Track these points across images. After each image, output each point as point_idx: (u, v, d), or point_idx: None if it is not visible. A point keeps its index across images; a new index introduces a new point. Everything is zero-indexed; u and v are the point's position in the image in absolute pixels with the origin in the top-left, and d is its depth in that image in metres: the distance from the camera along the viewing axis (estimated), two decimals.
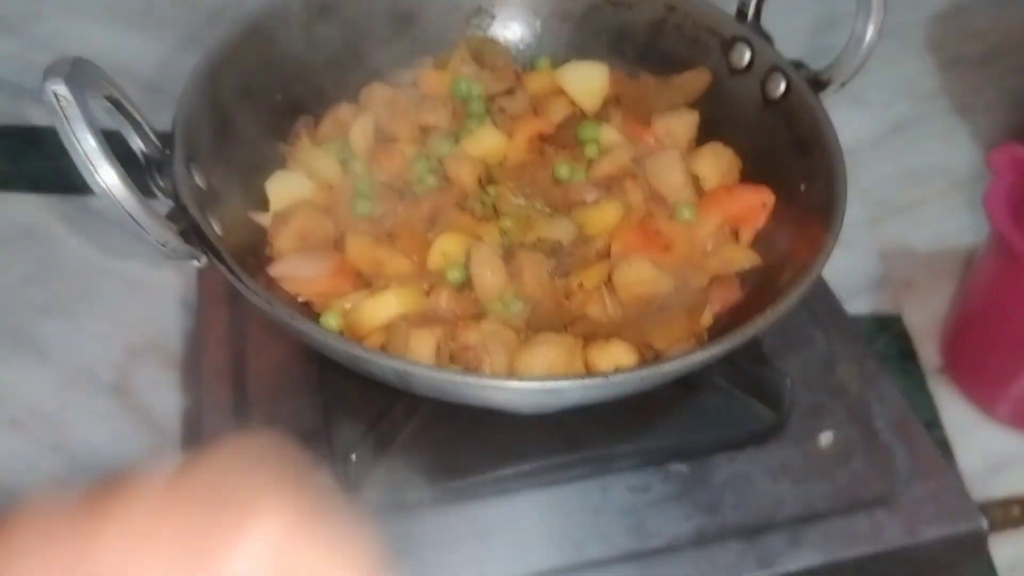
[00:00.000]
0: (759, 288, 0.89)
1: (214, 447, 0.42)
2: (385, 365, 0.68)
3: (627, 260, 0.87)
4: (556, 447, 0.89)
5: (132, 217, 0.68)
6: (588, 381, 0.68)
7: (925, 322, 1.34)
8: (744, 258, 0.93)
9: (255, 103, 0.95)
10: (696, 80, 1.05)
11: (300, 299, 0.87)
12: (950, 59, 1.73)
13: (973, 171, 1.50)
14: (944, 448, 1.17)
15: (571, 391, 0.69)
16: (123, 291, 1.27)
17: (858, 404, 0.96)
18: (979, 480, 1.14)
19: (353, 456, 0.83)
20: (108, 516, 0.37)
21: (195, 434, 1.12)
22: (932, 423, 1.20)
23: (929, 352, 1.32)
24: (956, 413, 1.24)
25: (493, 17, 1.13)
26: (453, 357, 0.81)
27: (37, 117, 1.48)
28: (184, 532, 0.36)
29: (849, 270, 1.33)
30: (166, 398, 1.17)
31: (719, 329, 0.89)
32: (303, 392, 0.94)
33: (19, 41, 1.61)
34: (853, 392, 0.97)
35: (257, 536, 0.37)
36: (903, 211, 1.47)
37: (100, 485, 0.39)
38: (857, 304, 1.31)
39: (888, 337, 1.34)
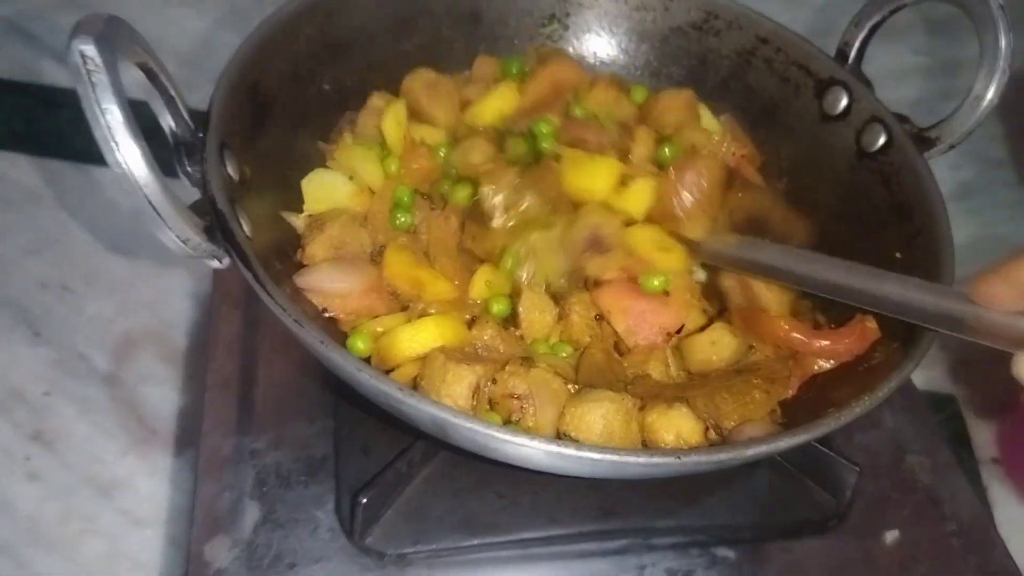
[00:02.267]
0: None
1: None
2: (424, 411, 0.58)
3: (707, 329, 0.78)
4: (590, 514, 0.80)
5: (153, 206, 0.58)
6: (657, 459, 0.58)
7: (982, 406, 1.25)
8: None
9: (301, 90, 0.86)
10: None
11: (326, 314, 0.78)
12: (1020, 128, 1.65)
13: None
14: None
15: (634, 467, 0.59)
16: (129, 273, 1.18)
17: (928, 502, 0.86)
18: None
19: (363, 500, 0.73)
20: None
21: (190, 444, 1.02)
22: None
23: (984, 439, 1.23)
24: (1010, 511, 1.15)
25: (567, 28, 1.04)
26: (492, 402, 0.71)
27: (57, 77, 1.39)
28: None
29: None
30: (160, 395, 1.07)
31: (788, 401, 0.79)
32: (314, 415, 0.85)
33: None
34: (923, 486, 0.87)
35: None
36: (962, 282, 1.39)
37: None
38: None
39: (941, 418, 1.24)
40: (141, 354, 1.10)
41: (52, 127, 1.33)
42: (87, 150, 1.26)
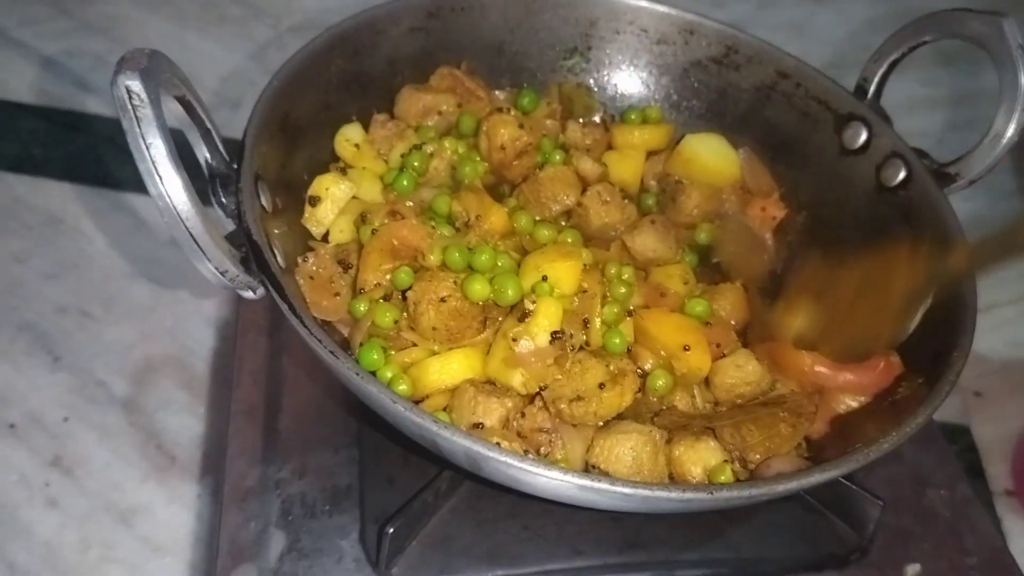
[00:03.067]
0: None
1: None
2: (457, 444, 0.59)
3: (732, 354, 0.78)
4: (615, 546, 0.80)
5: (194, 238, 0.59)
6: (690, 495, 0.58)
7: (995, 437, 1.25)
8: None
9: (330, 121, 0.87)
10: None
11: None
12: None
13: None
14: None
15: (666, 502, 0.59)
16: (149, 298, 1.18)
17: (949, 535, 0.86)
18: None
19: (390, 530, 0.73)
20: None
21: (210, 471, 1.02)
22: None
23: (998, 471, 1.23)
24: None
25: (588, 61, 1.05)
26: (521, 435, 0.71)
27: (76, 101, 1.40)
28: None
29: None
30: (180, 421, 1.08)
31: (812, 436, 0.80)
32: (339, 444, 0.85)
33: (71, 22, 1.54)
34: (944, 521, 0.87)
35: None
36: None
37: None
38: None
39: (955, 450, 1.24)
40: (160, 380, 1.11)
41: (72, 152, 1.34)
42: (107, 175, 1.28)
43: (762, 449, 0.72)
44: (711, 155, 0.97)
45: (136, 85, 0.56)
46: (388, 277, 0.76)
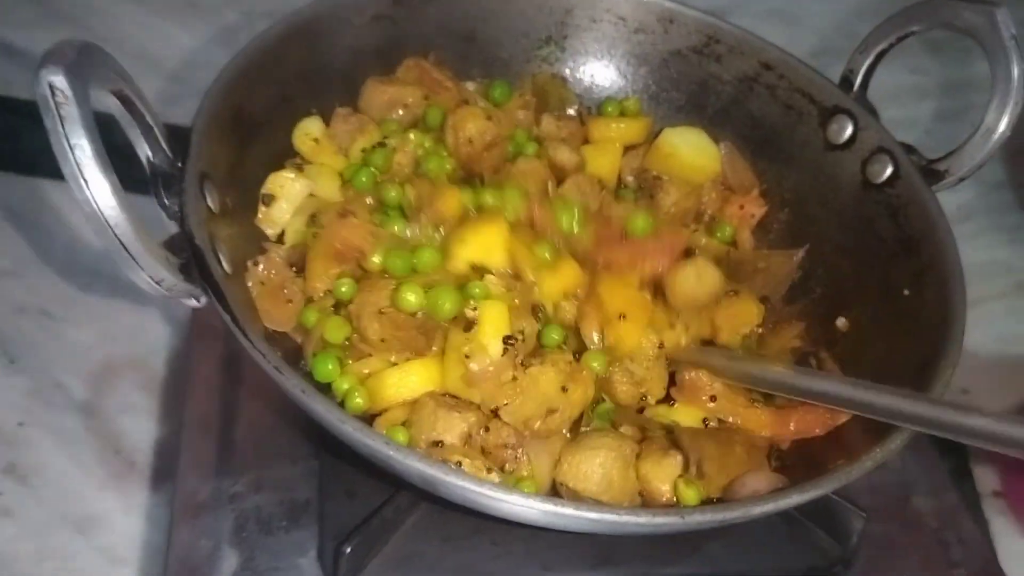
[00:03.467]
0: None
1: None
2: (412, 467, 0.55)
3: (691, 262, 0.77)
4: (587, 562, 0.76)
5: (124, 246, 0.55)
6: (660, 519, 0.55)
7: None
8: None
9: (289, 115, 0.82)
10: None
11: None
12: (1019, 150, 1.62)
13: None
14: None
15: (635, 526, 0.56)
16: (109, 297, 1.13)
17: (936, 546, 0.83)
18: None
19: (347, 549, 0.69)
20: None
21: (168, 478, 0.98)
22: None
23: (986, 471, 1.19)
24: (1013, 545, 1.12)
25: (563, 50, 1.01)
26: (485, 451, 0.68)
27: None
28: None
29: None
30: (139, 426, 1.03)
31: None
32: (296, 456, 0.81)
33: (37, 9, 1.49)
34: (930, 530, 0.84)
35: None
36: None
37: None
38: None
39: (942, 450, 1.21)
40: (120, 383, 1.06)
41: (31, 144, 1.29)
42: None
43: (717, 465, 0.68)
44: (691, 150, 0.94)
45: (60, 81, 0.52)
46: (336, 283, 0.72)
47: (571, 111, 1.00)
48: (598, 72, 1.01)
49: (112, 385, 1.06)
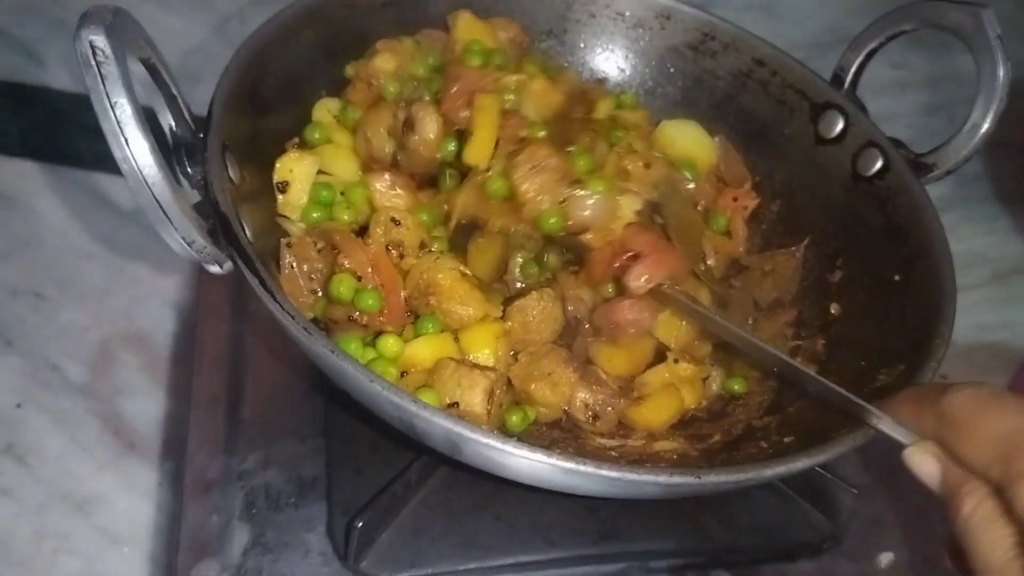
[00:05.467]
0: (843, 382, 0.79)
1: None
2: (438, 426, 0.56)
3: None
4: (589, 536, 0.78)
5: (160, 204, 0.56)
6: (677, 479, 0.57)
7: None
8: None
9: (301, 95, 0.84)
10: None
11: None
12: (998, 143, 1.66)
13: (1015, 263, 1.43)
14: None
15: (652, 487, 0.58)
16: (106, 279, 1.14)
17: (923, 523, 0.86)
18: None
19: (359, 524, 0.71)
20: None
21: (170, 457, 0.98)
22: None
23: None
24: None
25: (563, 44, 1.03)
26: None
27: (30, 74, 1.34)
28: None
29: None
30: (138, 406, 1.04)
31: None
32: (305, 434, 0.82)
33: None
34: (918, 507, 0.87)
35: None
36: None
37: None
38: None
39: None
40: (118, 364, 1.07)
41: (23, 127, 1.28)
42: (61, 150, 1.23)
43: None
44: (688, 142, 0.96)
45: (101, 40, 0.53)
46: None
47: None
48: (597, 65, 1.04)
49: (109, 366, 1.07)
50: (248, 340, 0.88)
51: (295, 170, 0.79)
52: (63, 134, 1.21)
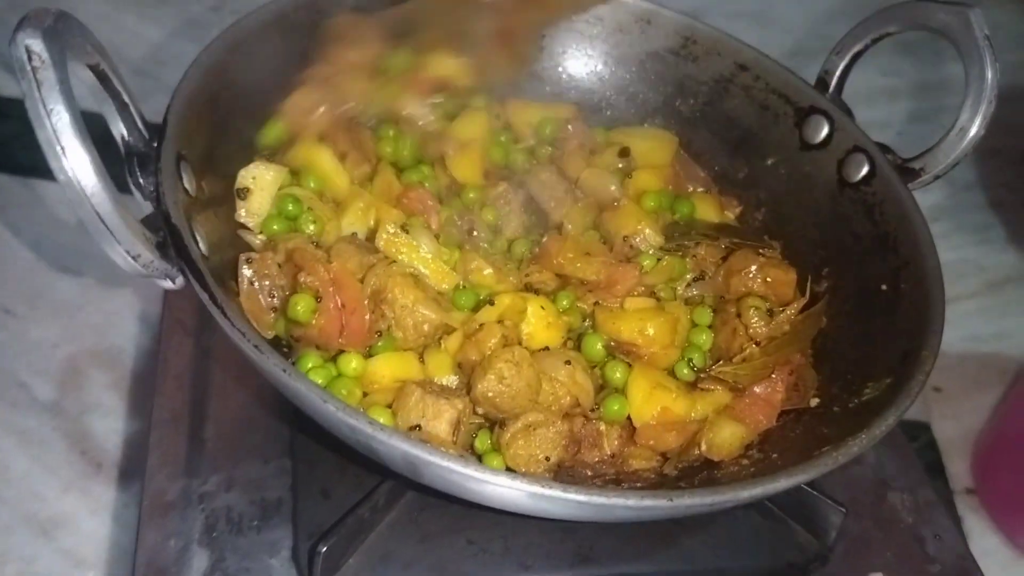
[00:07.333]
0: (828, 395, 0.77)
1: None
2: (396, 448, 0.53)
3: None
4: (566, 560, 0.75)
5: (101, 218, 0.53)
6: (648, 502, 0.54)
7: (956, 434, 1.23)
8: None
9: (268, 103, 0.81)
10: None
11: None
12: (990, 150, 1.64)
13: (1008, 272, 1.41)
14: None
15: (622, 510, 0.55)
16: (74, 294, 1.11)
17: (912, 541, 0.83)
18: None
19: (323, 548, 0.68)
20: None
21: (136, 478, 0.95)
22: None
23: (959, 469, 1.21)
24: (986, 542, 1.13)
25: (541, 49, 1.01)
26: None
27: (4, 86, 1.32)
28: None
29: None
30: (106, 425, 1.01)
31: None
32: (270, 454, 0.79)
33: None
34: (906, 526, 0.84)
35: None
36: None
37: None
38: None
39: (915, 447, 1.22)
40: (87, 382, 1.04)
41: None
42: (30, 163, 1.20)
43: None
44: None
45: (37, 45, 0.50)
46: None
47: None
48: (577, 71, 1.02)
49: (77, 384, 1.04)
50: (213, 357, 0.85)
51: (258, 178, 0.77)
52: (34, 146, 1.19)
